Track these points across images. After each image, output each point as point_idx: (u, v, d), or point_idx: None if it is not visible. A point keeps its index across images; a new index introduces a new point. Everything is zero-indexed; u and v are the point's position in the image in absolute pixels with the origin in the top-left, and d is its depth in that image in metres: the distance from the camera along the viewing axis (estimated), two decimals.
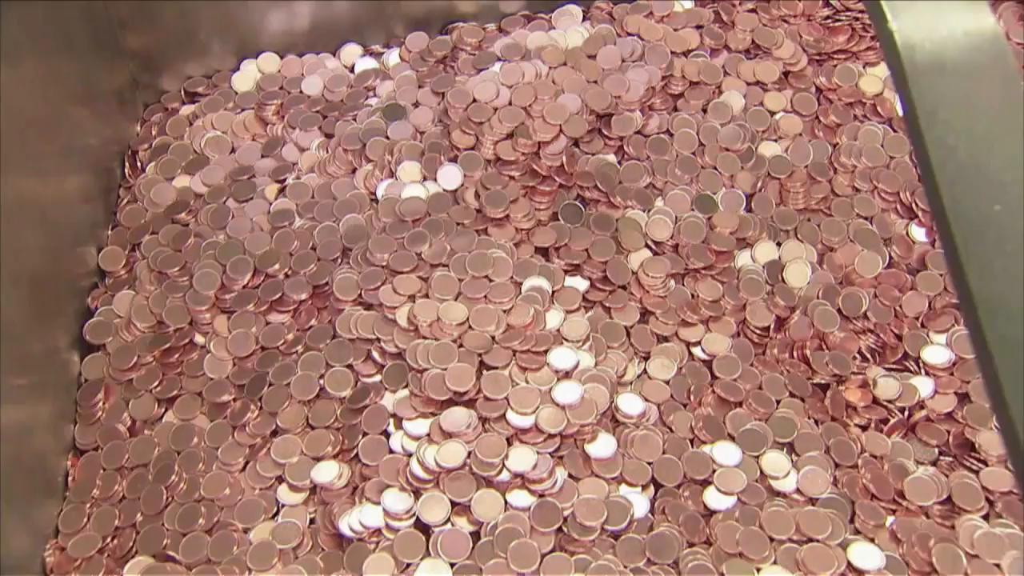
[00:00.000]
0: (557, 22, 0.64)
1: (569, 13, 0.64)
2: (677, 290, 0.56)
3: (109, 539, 0.48)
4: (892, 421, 0.52)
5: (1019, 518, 0.47)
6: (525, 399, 0.49)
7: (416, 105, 0.61)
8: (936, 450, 0.51)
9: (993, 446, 0.50)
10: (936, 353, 0.54)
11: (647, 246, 0.57)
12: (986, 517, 0.48)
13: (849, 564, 0.46)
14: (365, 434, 0.50)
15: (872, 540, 0.47)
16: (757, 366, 0.54)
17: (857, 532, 0.48)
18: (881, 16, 0.33)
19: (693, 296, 0.56)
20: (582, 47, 0.62)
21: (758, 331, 0.55)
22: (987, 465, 0.50)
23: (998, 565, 0.46)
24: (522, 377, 0.50)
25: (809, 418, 0.52)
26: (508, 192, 0.57)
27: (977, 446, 0.50)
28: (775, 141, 0.61)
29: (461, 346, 0.51)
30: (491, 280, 0.53)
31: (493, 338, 0.51)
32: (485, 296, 0.53)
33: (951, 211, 0.30)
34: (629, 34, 0.63)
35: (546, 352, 0.51)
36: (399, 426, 0.50)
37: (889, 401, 0.53)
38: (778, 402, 0.52)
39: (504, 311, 0.52)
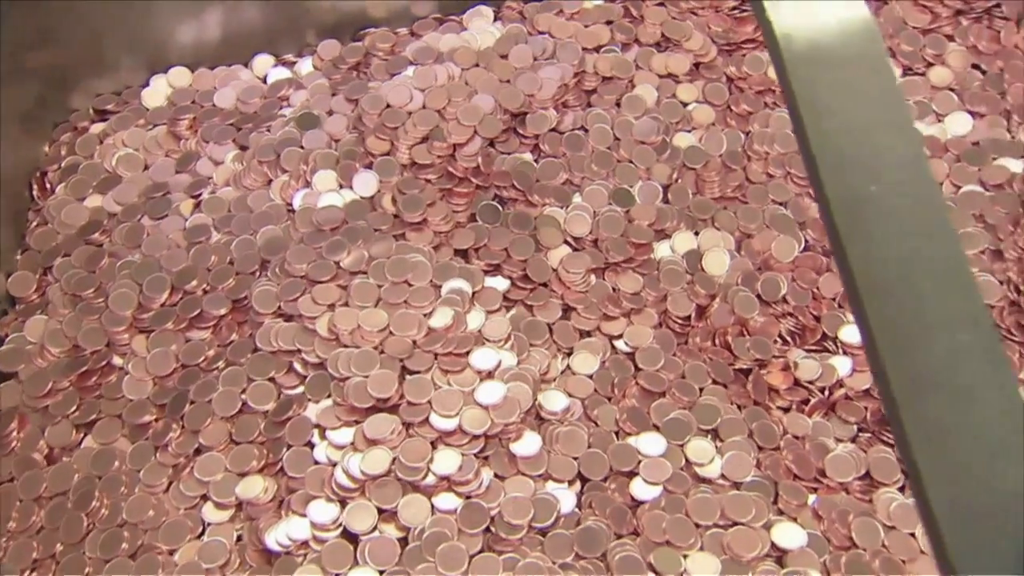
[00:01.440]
0: (469, 23, 0.64)
1: (481, 14, 0.64)
2: (598, 285, 0.56)
3: (28, 573, 0.47)
4: (813, 401, 0.53)
5: None
6: (448, 402, 0.49)
7: (330, 113, 0.60)
8: (855, 427, 0.52)
9: None
10: (853, 332, 0.55)
11: (566, 242, 0.57)
12: (902, 489, 0.49)
13: (773, 544, 0.47)
14: (289, 446, 0.49)
15: (795, 519, 0.48)
16: (680, 356, 0.54)
17: (781, 512, 0.49)
18: (760, 8, 0.34)
19: (614, 290, 0.56)
20: (494, 47, 0.62)
21: (680, 321, 0.56)
22: None
23: (913, 535, 0.47)
24: (444, 380, 0.50)
25: (732, 403, 0.53)
26: (425, 196, 0.57)
27: None
28: (689, 132, 0.62)
29: (382, 352, 0.51)
30: (411, 285, 0.53)
31: (414, 343, 0.51)
32: (405, 301, 0.52)
33: (831, 193, 0.31)
34: (540, 32, 0.63)
35: (468, 354, 0.51)
36: (323, 436, 0.49)
37: (810, 382, 0.54)
38: (701, 390, 0.53)
39: (425, 315, 0.52)
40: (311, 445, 0.50)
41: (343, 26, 0.64)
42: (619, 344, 0.55)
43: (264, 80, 0.64)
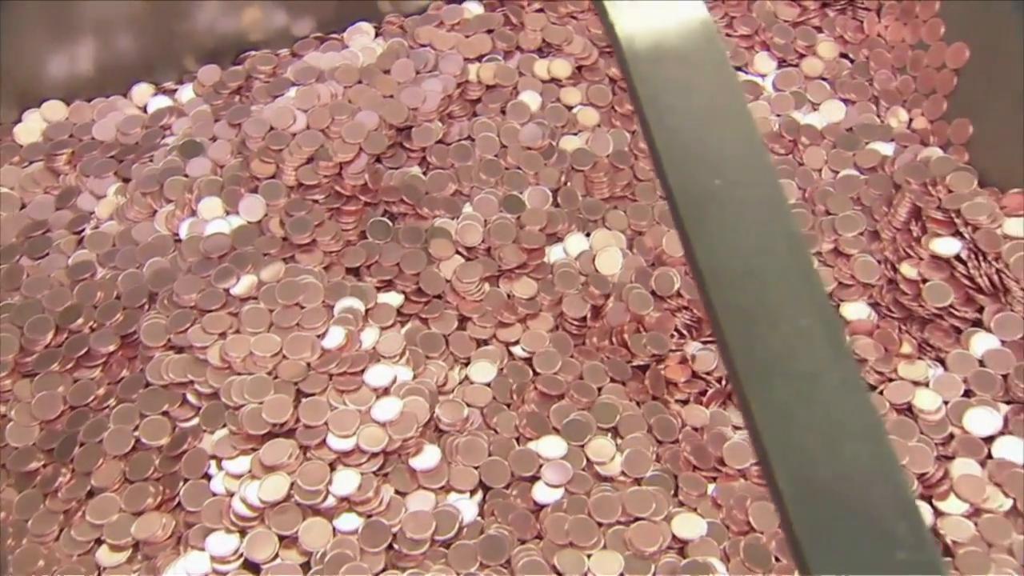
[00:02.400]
0: (350, 40, 0.64)
1: (361, 30, 0.64)
2: (492, 292, 0.57)
3: None
4: (710, 392, 0.54)
5: None
6: (344, 422, 0.49)
7: (214, 139, 0.60)
8: None
9: None
10: None
11: (459, 253, 0.57)
12: None
13: (674, 536, 0.48)
14: (186, 480, 0.49)
15: (695, 510, 0.49)
16: (577, 357, 0.55)
17: (681, 504, 0.50)
18: (603, 10, 0.34)
19: (509, 296, 0.57)
20: (376, 63, 0.62)
21: (576, 322, 0.56)
22: None
23: None
24: (340, 400, 0.50)
25: (631, 400, 0.54)
26: (313, 216, 0.56)
27: None
28: (575, 135, 0.62)
29: (276, 377, 0.50)
30: (302, 307, 0.53)
31: (308, 365, 0.51)
32: (297, 324, 0.52)
33: (676, 188, 0.31)
34: (422, 45, 0.63)
35: (363, 372, 0.51)
36: (220, 467, 0.49)
37: (707, 373, 0.55)
38: (600, 389, 0.54)
39: (318, 336, 0.52)
40: (208, 477, 0.49)
41: (223, 50, 0.63)
42: (516, 350, 0.55)
43: (144, 109, 0.63)
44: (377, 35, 0.64)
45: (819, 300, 0.29)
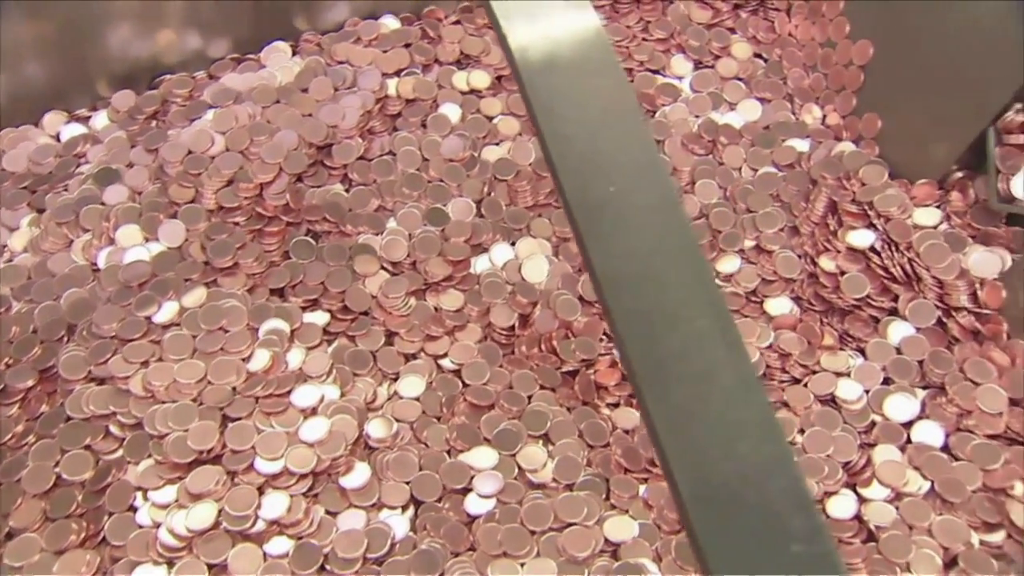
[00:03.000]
0: (267, 60, 0.63)
1: (278, 50, 0.64)
2: (419, 306, 0.57)
3: None
4: None
5: None
6: (272, 444, 0.48)
7: (130, 166, 0.59)
8: None
9: None
10: None
11: (384, 268, 0.57)
12: None
13: (607, 540, 0.48)
14: (111, 514, 0.48)
15: (627, 512, 0.50)
16: (506, 366, 0.55)
17: (613, 507, 0.50)
18: (495, 21, 0.35)
19: (436, 309, 0.57)
20: (294, 82, 0.62)
21: (504, 332, 0.57)
22: None
23: None
24: (267, 423, 0.49)
25: (561, 406, 0.54)
26: (234, 239, 0.56)
27: None
28: (496, 145, 0.63)
29: (201, 404, 0.50)
30: (226, 331, 0.52)
31: (234, 389, 0.50)
32: (222, 348, 0.52)
33: (571, 196, 0.32)
34: (339, 62, 0.63)
35: (289, 393, 0.50)
36: (146, 498, 0.48)
37: None
38: (530, 397, 0.54)
39: (243, 359, 0.51)
40: (134, 509, 0.48)
41: (137, 75, 0.63)
42: (445, 363, 0.55)
43: (57, 138, 0.62)
44: (294, 54, 0.64)
45: (714, 301, 0.30)
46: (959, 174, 0.57)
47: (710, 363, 0.28)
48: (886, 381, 0.53)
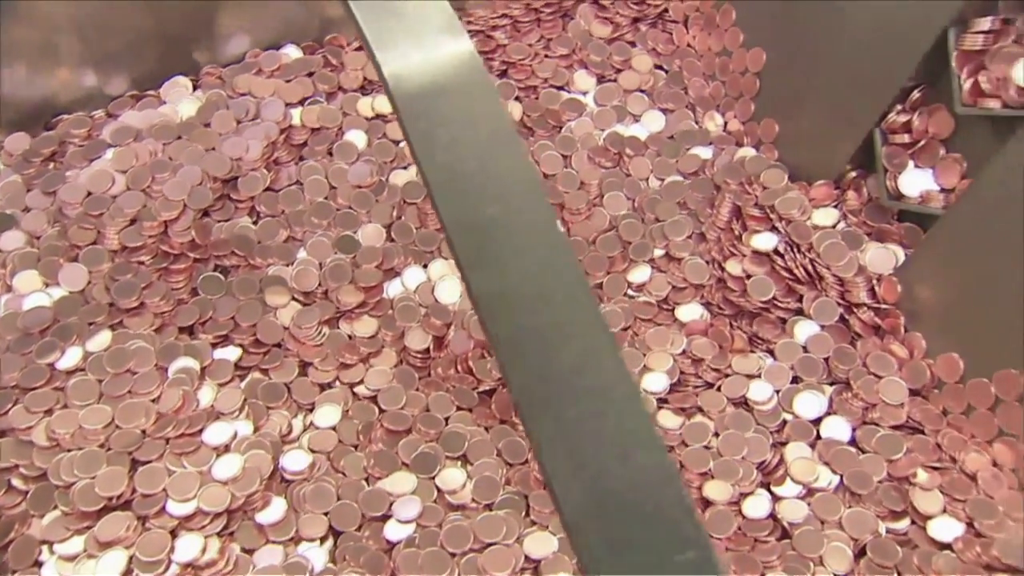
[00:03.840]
0: (167, 96, 0.63)
1: (178, 85, 0.63)
2: (333, 335, 0.56)
3: None
4: None
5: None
6: (184, 486, 0.48)
7: (26, 210, 0.58)
8: None
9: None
10: None
11: (295, 299, 0.57)
12: None
13: (527, 557, 0.48)
14: (14, 572, 0.46)
15: (547, 528, 0.50)
16: (423, 389, 0.55)
17: (533, 523, 0.50)
18: (370, 51, 0.35)
19: (350, 337, 0.56)
20: (196, 116, 0.61)
21: (419, 355, 0.57)
22: None
23: None
24: (179, 463, 0.48)
25: (479, 426, 0.54)
26: (139, 279, 0.55)
27: None
28: (404, 168, 0.63)
29: (109, 449, 0.49)
30: (134, 373, 0.51)
31: (143, 432, 0.49)
32: (129, 391, 0.51)
33: (449, 221, 0.32)
34: (241, 94, 0.63)
35: (201, 431, 0.50)
36: (52, 551, 0.47)
37: None
38: (447, 419, 0.54)
39: (152, 400, 0.51)
40: (39, 564, 0.47)
41: (31, 117, 0.61)
42: (360, 390, 0.55)
43: None
44: (195, 88, 0.63)
45: (595, 319, 0.30)
46: (853, 174, 0.59)
47: (596, 380, 0.29)
48: (795, 380, 0.55)
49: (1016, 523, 0.47)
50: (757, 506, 0.50)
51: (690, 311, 0.59)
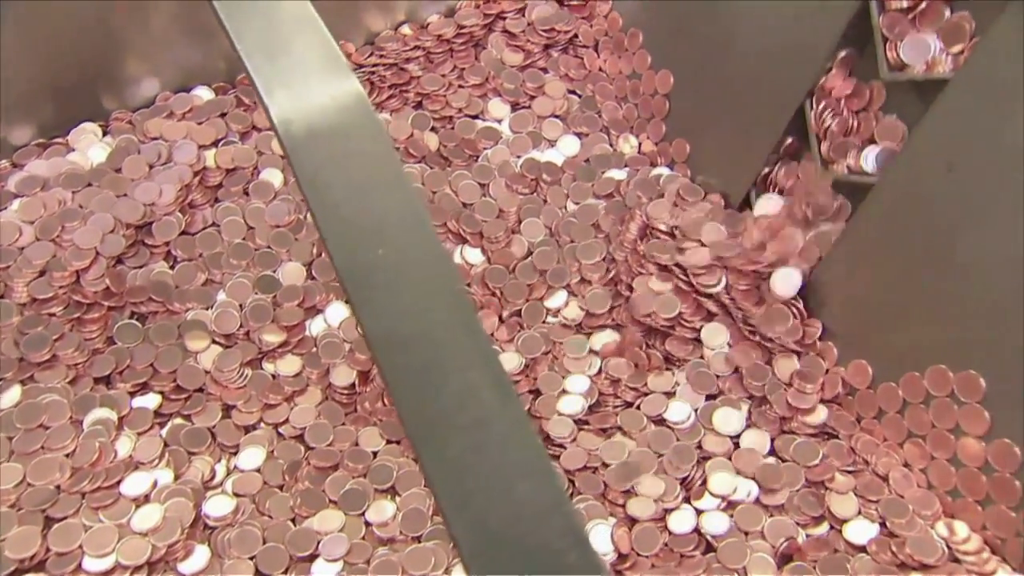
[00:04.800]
0: (75, 143, 0.62)
1: (86, 131, 0.62)
2: (256, 376, 0.56)
3: None
4: None
5: (593, 490, 0.52)
6: (100, 540, 0.47)
7: None
8: None
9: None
10: (512, 360, 0.58)
11: (216, 342, 0.57)
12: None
13: None
14: None
15: None
16: (350, 424, 0.55)
17: None
18: (259, 94, 0.35)
19: (274, 377, 0.56)
20: (106, 163, 0.60)
21: (345, 391, 0.56)
22: (564, 448, 0.54)
23: None
24: (95, 518, 0.48)
25: (407, 457, 0.54)
26: (51, 331, 0.54)
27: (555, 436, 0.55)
28: None
29: (20, 509, 0.48)
30: (47, 427, 0.50)
31: (58, 488, 0.48)
32: (42, 446, 0.50)
33: (339, 262, 0.32)
34: (153, 139, 0.62)
35: (119, 483, 0.49)
36: None
37: None
38: (375, 453, 0.54)
39: (67, 455, 0.50)
40: None
41: None
42: (286, 429, 0.55)
43: None
44: (105, 134, 0.63)
45: (484, 351, 0.30)
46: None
47: (483, 412, 0.29)
48: (712, 396, 0.56)
49: (925, 520, 0.49)
50: (682, 521, 0.50)
51: (604, 335, 0.59)
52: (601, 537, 0.50)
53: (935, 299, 0.49)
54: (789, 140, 0.58)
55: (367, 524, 0.51)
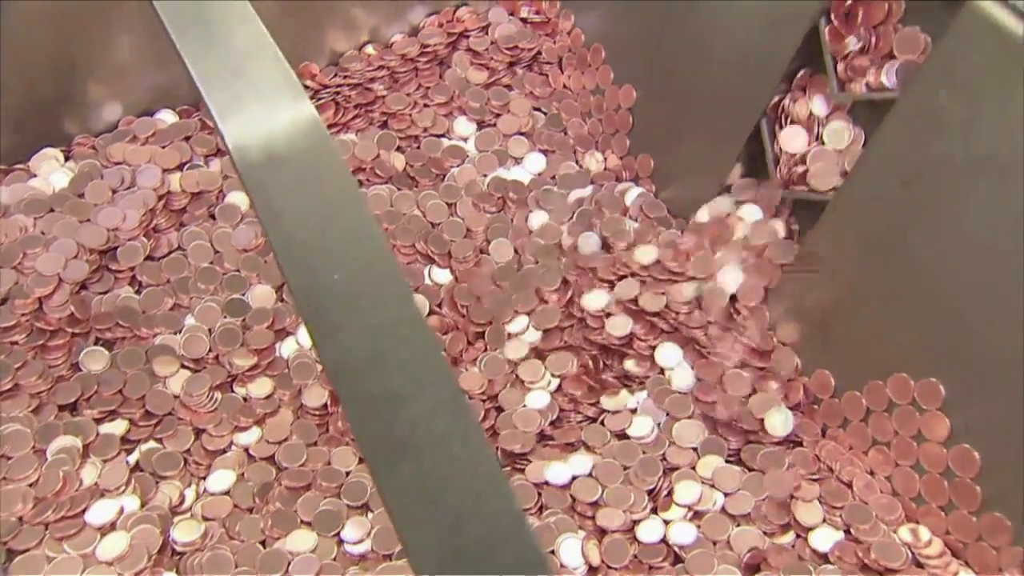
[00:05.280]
0: (37, 169, 0.61)
1: (48, 157, 0.62)
2: (227, 399, 0.56)
3: None
4: None
5: (561, 504, 0.52)
6: (64, 571, 0.46)
7: None
8: None
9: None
10: (472, 378, 0.58)
11: (185, 367, 0.56)
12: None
13: None
14: None
15: None
16: (322, 445, 0.55)
17: None
18: (213, 119, 0.35)
19: (245, 399, 0.56)
20: (68, 188, 0.60)
21: (316, 412, 0.56)
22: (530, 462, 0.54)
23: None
24: (59, 548, 0.47)
25: None
26: (13, 359, 0.54)
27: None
28: None
29: None
30: (9, 457, 0.50)
31: (21, 519, 0.48)
32: (4, 477, 0.49)
33: (296, 287, 0.32)
34: (116, 163, 0.62)
35: (84, 512, 0.49)
36: None
37: None
38: (348, 473, 0.54)
39: (30, 485, 0.49)
40: None
41: None
42: (256, 451, 0.54)
43: None
44: (67, 159, 0.62)
45: (442, 376, 0.30)
46: None
47: (441, 437, 0.29)
48: (673, 411, 0.56)
49: (888, 526, 0.49)
50: (650, 531, 0.51)
51: (561, 356, 0.59)
52: (571, 551, 0.50)
53: (894, 308, 0.50)
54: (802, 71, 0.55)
55: (340, 543, 0.51)
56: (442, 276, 0.62)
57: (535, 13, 0.70)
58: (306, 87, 0.67)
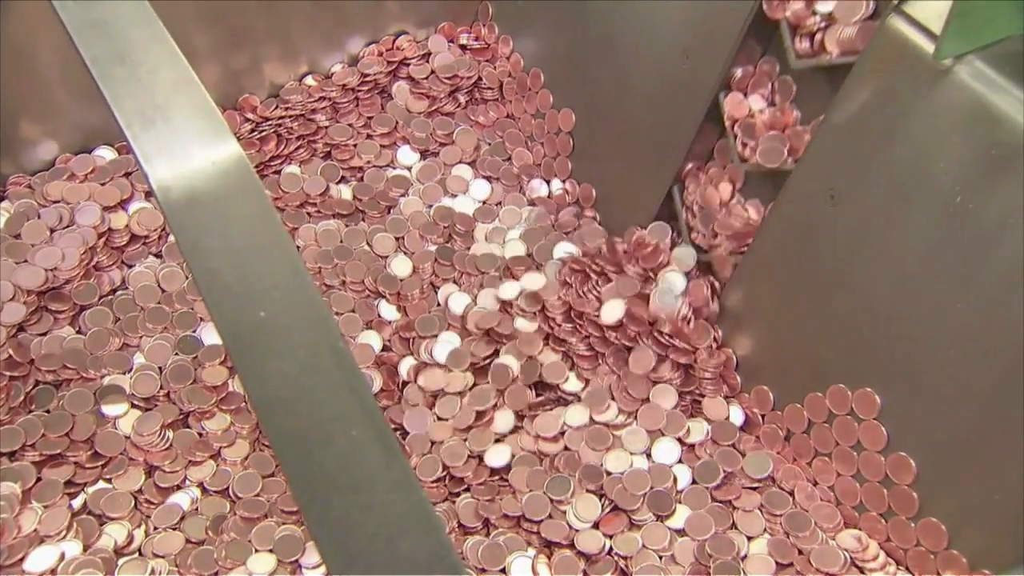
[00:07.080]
0: None
1: None
2: (181, 435, 0.55)
3: None
4: None
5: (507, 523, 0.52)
6: None
7: None
8: None
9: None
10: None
11: (135, 406, 0.56)
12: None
13: None
14: None
15: None
16: (279, 475, 0.55)
17: None
18: (137, 161, 0.35)
19: (200, 435, 0.56)
20: (4, 229, 0.59)
21: None
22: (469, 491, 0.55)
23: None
24: None
25: None
26: None
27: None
28: None
29: None
30: None
31: None
32: None
33: (222, 326, 0.32)
34: (54, 202, 0.61)
35: (22, 560, 0.48)
36: None
37: None
38: None
39: None
40: None
41: None
42: (211, 484, 0.54)
43: None
44: (2, 199, 0.62)
45: (368, 409, 0.31)
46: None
47: (368, 470, 0.29)
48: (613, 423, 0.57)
49: (825, 532, 0.50)
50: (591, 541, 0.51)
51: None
52: (522, 569, 0.50)
53: (828, 321, 0.51)
54: None
55: (298, 568, 0.50)
56: (390, 313, 0.63)
57: (474, 40, 0.71)
58: (247, 120, 0.67)
